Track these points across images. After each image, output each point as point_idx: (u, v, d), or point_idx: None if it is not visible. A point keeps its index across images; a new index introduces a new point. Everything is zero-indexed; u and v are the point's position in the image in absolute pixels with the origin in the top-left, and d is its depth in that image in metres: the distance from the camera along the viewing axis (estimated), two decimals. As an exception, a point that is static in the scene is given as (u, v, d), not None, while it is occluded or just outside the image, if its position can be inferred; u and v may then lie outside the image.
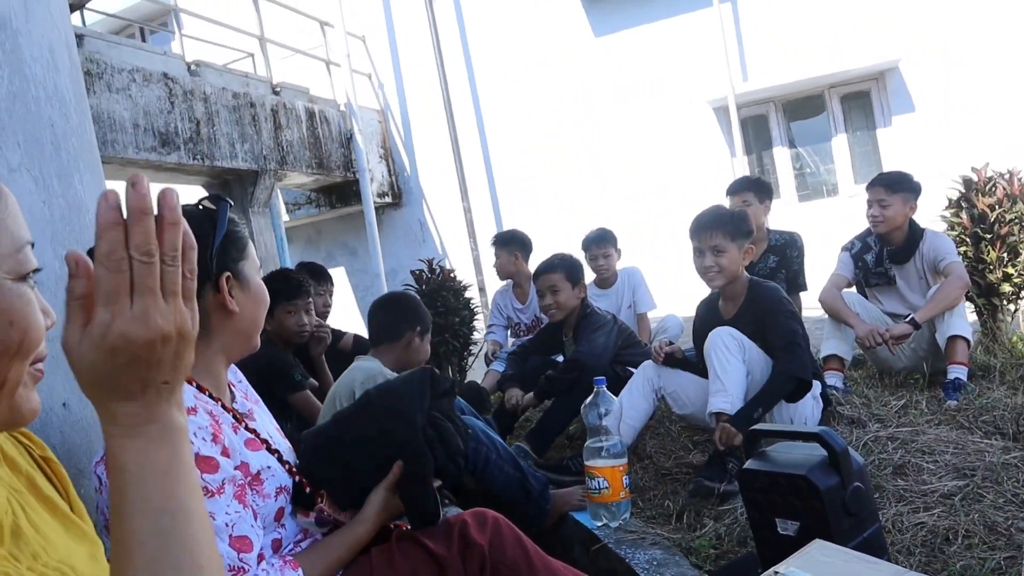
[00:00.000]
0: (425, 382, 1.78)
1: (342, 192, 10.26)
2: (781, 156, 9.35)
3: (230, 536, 1.35)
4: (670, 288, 6.68)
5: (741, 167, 8.98)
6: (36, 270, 0.83)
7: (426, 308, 3.11)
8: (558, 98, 9.88)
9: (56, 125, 2.17)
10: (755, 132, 9.48)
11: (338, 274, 10.46)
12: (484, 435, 2.72)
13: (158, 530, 0.69)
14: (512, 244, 5.11)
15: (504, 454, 2.68)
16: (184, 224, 0.69)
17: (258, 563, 1.41)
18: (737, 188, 4.46)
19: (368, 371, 2.77)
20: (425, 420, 1.72)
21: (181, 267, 0.69)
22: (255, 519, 1.44)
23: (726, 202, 4.52)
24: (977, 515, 2.22)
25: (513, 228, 5.32)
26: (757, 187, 4.43)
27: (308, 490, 1.67)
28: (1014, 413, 2.95)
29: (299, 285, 3.58)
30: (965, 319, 3.62)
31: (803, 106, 9.31)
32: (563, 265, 3.68)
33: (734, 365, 2.83)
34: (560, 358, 3.95)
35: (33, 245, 0.84)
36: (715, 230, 3.07)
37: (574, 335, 3.69)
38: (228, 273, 1.51)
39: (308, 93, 9.20)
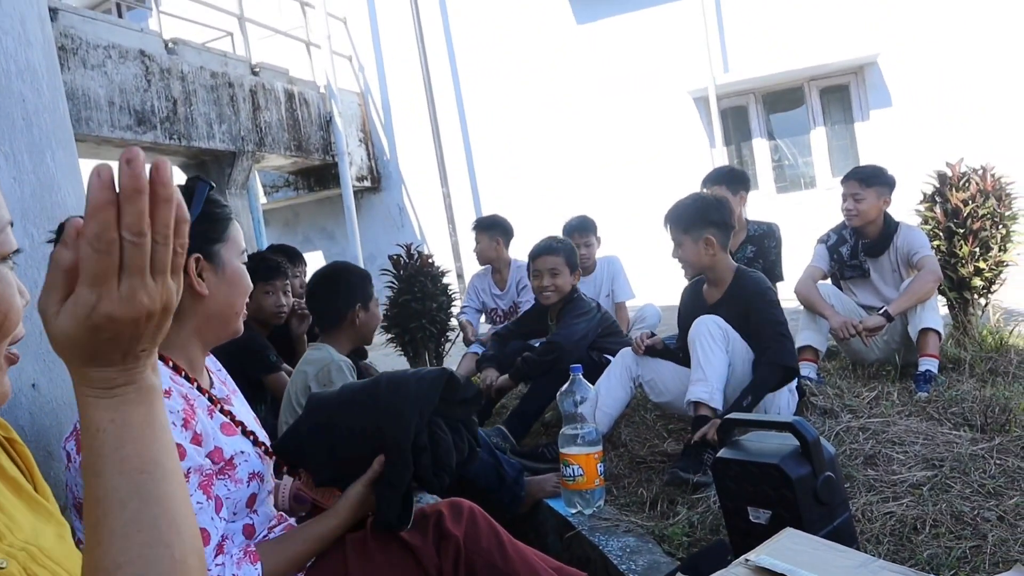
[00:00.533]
0: (437, 385, 1.70)
1: (320, 175, 10.18)
2: (760, 148, 9.39)
3: None
4: (649, 277, 6.71)
5: (720, 158, 9.02)
6: (16, 251, 0.81)
7: (361, 272, 2.95)
8: (539, 85, 9.86)
9: (28, 100, 2.14)
10: (735, 123, 9.51)
11: (316, 258, 10.39)
12: None
13: (137, 489, 0.69)
14: (494, 229, 5.09)
15: (479, 440, 2.68)
16: (178, 196, 0.67)
17: (215, 555, 1.39)
18: (709, 180, 4.48)
19: (320, 362, 2.72)
20: (423, 424, 1.65)
21: (172, 243, 0.67)
22: (217, 511, 1.41)
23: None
24: (944, 505, 2.26)
25: (494, 214, 5.30)
26: (729, 179, 4.44)
27: (285, 470, 1.66)
28: (982, 405, 2.99)
29: (276, 266, 3.57)
30: (937, 312, 3.67)
31: (782, 98, 9.35)
32: (564, 249, 3.66)
33: (717, 355, 2.84)
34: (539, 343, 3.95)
35: (12, 225, 0.82)
36: (670, 224, 3.13)
37: (558, 319, 3.69)
38: (198, 255, 1.49)
39: (287, 74, 9.11)
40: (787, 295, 4.18)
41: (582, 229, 4.86)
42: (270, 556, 1.49)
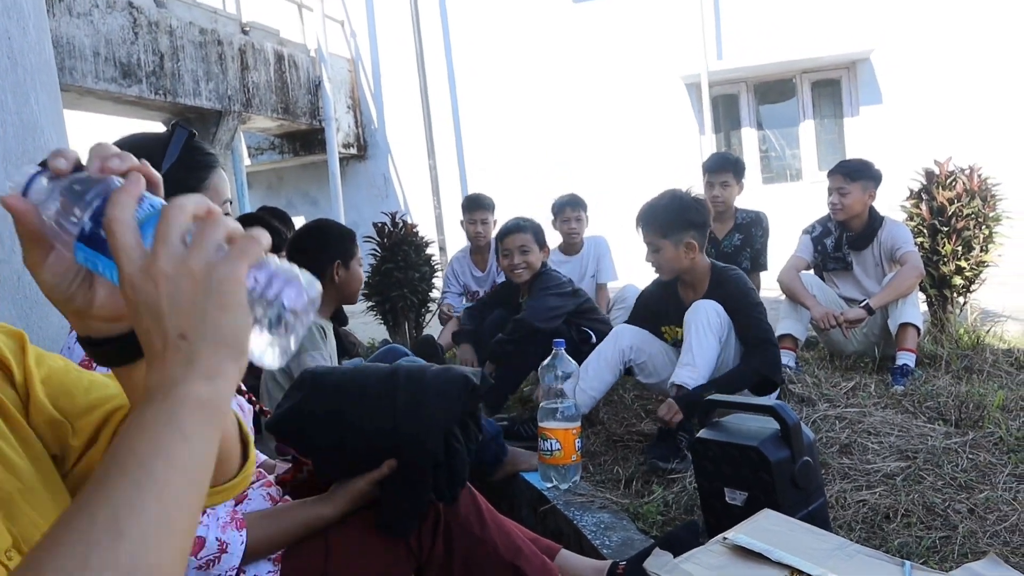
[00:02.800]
0: (461, 396, 1.61)
1: (307, 140, 10.07)
2: (749, 137, 9.41)
3: None
4: (633, 259, 6.70)
5: (709, 145, 9.02)
6: None
7: (344, 229, 2.96)
8: (532, 62, 9.79)
9: (13, 38, 2.08)
10: (725, 111, 9.51)
11: (298, 224, 10.28)
12: None
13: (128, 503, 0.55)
14: (493, 209, 5.07)
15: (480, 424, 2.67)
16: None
17: None
18: (717, 167, 4.43)
19: None
20: (442, 438, 1.57)
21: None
22: None
23: (700, 179, 4.51)
24: (917, 495, 2.28)
25: (480, 192, 5.27)
26: (735, 167, 4.44)
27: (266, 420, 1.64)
28: (957, 401, 3.02)
29: (284, 236, 3.55)
30: (917, 308, 3.70)
31: (774, 89, 9.36)
32: (531, 227, 3.70)
33: (709, 342, 2.81)
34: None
35: None
36: (647, 227, 3.00)
37: (529, 294, 3.70)
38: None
39: (278, 35, 8.98)
40: (770, 285, 4.21)
41: (574, 204, 4.85)
42: (257, 528, 1.46)
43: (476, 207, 5.05)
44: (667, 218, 2.95)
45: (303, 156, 10.28)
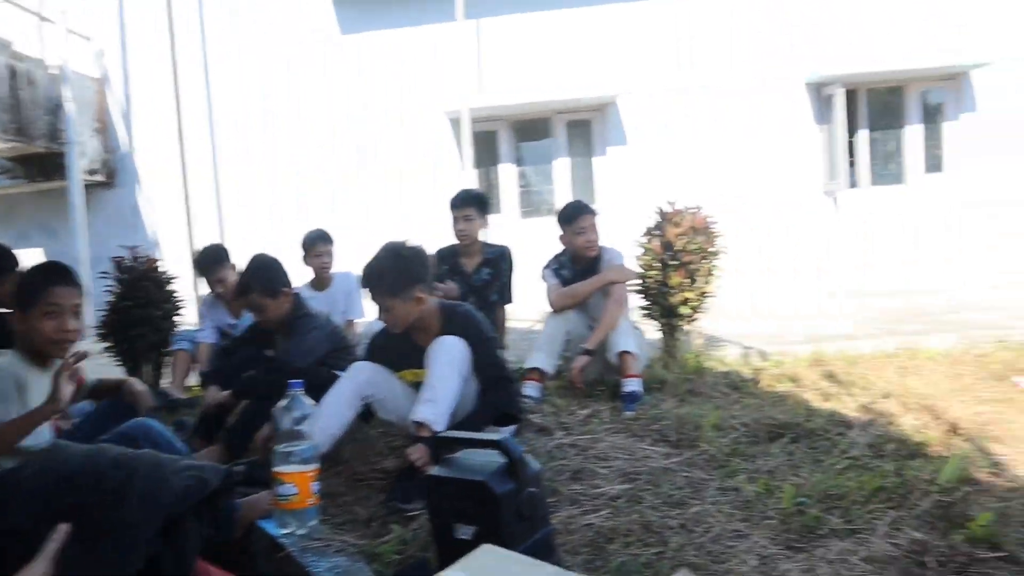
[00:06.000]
0: (199, 493, 1.61)
1: (45, 165, 9.17)
2: (507, 172, 9.80)
3: None
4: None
5: (470, 179, 9.26)
6: None
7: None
8: (296, 90, 9.62)
9: None
10: (486, 147, 9.83)
11: (34, 257, 9.33)
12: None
13: None
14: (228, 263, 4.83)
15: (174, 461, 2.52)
16: None
17: None
18: (461, 203, 4.57)
19: None
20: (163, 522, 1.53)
21: None
22: None
23: (448, 215, 4.61)
24: (636, 515, 2.45)
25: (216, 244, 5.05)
26: (478, 202, 4.58)
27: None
28: (678, 422, 3.29)
29: None
30: (630, 335, 3.98)
31: (531, 127, 9.82)
32: (256, 279, 3.52)
33: (453, 380, 2.84)
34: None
35: None
36: (374, 291, 3.00)
37: (286, 334, 3.58)
38: None
39: (11, 48, 8.15)
40: (518, 316, 4.38)
41: (324, 239, 4.81)
42: None
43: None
44: (394, 279, 2.95)
45: (40, 182, 9.36)
